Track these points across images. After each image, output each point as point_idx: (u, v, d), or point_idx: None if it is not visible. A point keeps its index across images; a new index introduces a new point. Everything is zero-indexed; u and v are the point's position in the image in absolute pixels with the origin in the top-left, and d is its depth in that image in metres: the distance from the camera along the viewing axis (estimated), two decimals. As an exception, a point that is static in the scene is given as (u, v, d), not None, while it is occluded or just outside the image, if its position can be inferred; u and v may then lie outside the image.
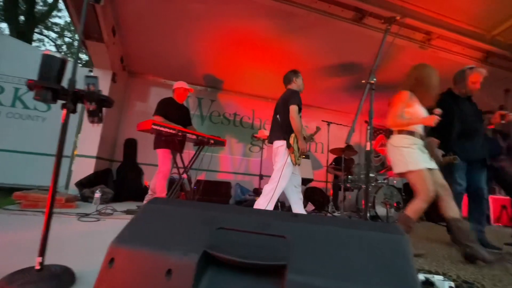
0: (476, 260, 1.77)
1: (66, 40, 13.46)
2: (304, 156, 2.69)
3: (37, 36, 12.00)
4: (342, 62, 4.06)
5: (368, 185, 1.51)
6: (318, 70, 4.22)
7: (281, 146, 2.59)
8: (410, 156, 1.94)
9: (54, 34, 13.04)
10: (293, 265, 0.54)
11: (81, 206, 2.87)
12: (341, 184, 4.15)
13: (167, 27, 3.53)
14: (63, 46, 13.51)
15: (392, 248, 0.55)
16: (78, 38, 1.32)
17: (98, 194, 2.94)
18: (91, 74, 3.88)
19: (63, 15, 12.51)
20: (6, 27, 8.93)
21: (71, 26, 12.16)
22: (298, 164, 2.60)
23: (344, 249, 0.56)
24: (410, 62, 2.23)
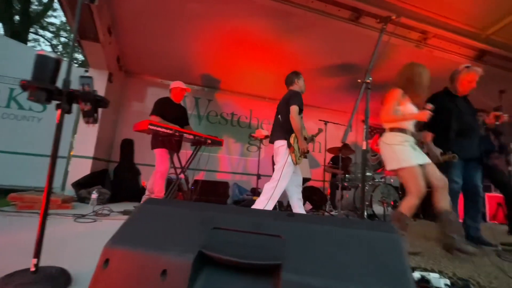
0: (454, 251, 1.87)
1: (62, 40, 13.37)
2: (304, 156, 2.72)
3: (32, 36, 11.90)
4: (339, 61, 4.07)
5: (364, 184, 1.52)
6: (315, 69, 4.23)
7: (281, 146, 2.62)
8: (402, 153, 1.98)
9: (49, 34, 12.95)
10: (288, 264, 0.54)
11: (77, 207, 2.86)
12: (338, 183, 4.16)
13: (164, 27, 3.51)
14: (59, 46, 13.42)
15: (386, 246, 0.55)
16: (73, 38, 1.31)
17: (94, 195, 2.92)
18: (87, 74, 3.86)
19: (59, 15, 12.41)
20: (0, 27, 8.84)
21: (67, 26, 12.07)
22: (298, 163, 2.63)
23: (338, 248, 0.57)
24: (406, 61, 2.25)
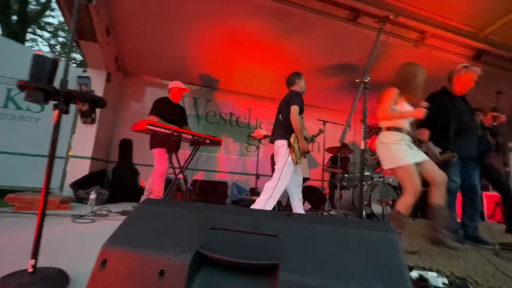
0: (441, 245, 1.99)
1: (60, 40, 13.30)
2: (304, 156, 2.74)
3: (30, 36, 11.85)
4: (338, 61, 4.08)
5: (362, 183, 1.52)
6: (314, 69, 4.23)
7: (282, 145, 2.65)
8: (398, 152, 2.00)
9: (47, 34, 12.88)
10: (285, 264, 0.54)
11: (76, 208, 2.85)
12: (337, 182, 4.17)
13: (163, 27, 3.51)
14: (57, 46, 13.35)
15: (383, 245, 0.55)
16: (70, 38, 1.30)
17: (93, 195, 2.91)
18: (85, 74, 3.85)
19: (57, 15, 12.36)
20: (-2, 27, 8.79)
21: (65, 25, 12.01)
22: (299, 163, 2.65)
23: (336, 247, 0.57)
24: (405, 61, 2.26)
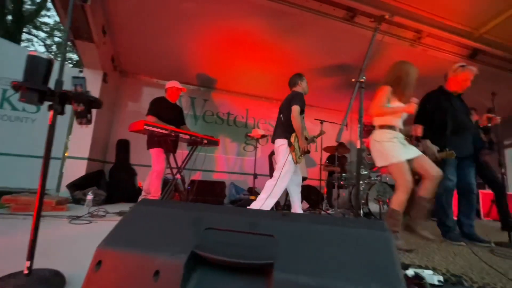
0: (414, 233, 2.09)
1: (56, 40, 13.20)
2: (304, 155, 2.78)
3: (25, 36, 11.75)
4: (335, 60, 4.09)
5: (359, 182, 1.53)
6: (311, 68, 4.24)
7: (282, 145, 2.69)
8: (391, 149, 2.03)
9: (43, 34, 12.78)
10: (280, 263, 0.54)
11: (72, 209, 2.83)
12: (335, 182, 4.18)
13: (159, 26, 3.49)
14: (53, 46, 13.24)
15: (376, 244, 0.56)
16: (65, 38, 1.30)
17: (90, 196, 2.89)
18: (81, 74, 3.82)
19: (52, 14, 12.24)
20: (-8, 27, 8.70)
21: (61, 25, 11.92)
22: (299, 163, 2.68)
23: (330, 246, 0.57)
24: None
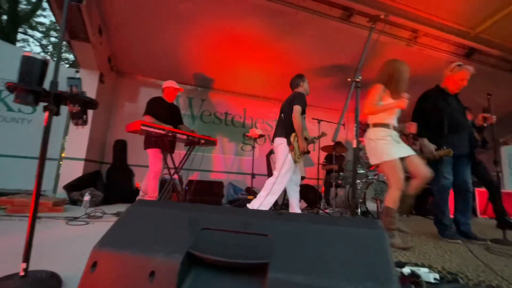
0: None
1: (52, 40, 13.11)
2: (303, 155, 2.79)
3: (21, 36, 11.67)
4: (332, 60, 4.10)
5: (355, 181, 1.54)
6: (308, 68, 4.24)
7: (281, 144, 2.72)
8: (384, 147, 2.05)
9: (39, 34, 12.69)
10: (275, 263, 0.54)
11: (69, 210, 2.82)
12: (332, 181, 4.20)
13: (156, 26, 3.48)
14: (49, 46, 13.15)
15: (371, 242, 0.56)
16: (60, 39, 1.29)
17: (87, 197, 2.89)
18: (77, 75, 3.80)
19: (48, 14, 12.16)
20: (-13, 27, 8.63)
21: (57, 25, 11.82)
22: (298, 162, 2.70)
23: (325, 245, 0.58)
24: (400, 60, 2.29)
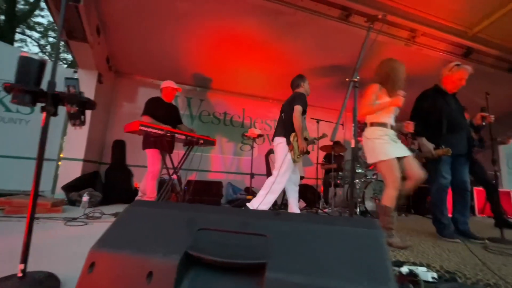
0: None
1: (50, 40, 13.07)
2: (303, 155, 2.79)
3: (19, 36, 11.63)
4: (331, 60, 4.10)
5: (353, 181, 1.54)
6: (307, 68, 4.24)
7: (280, 143, 2.73)
8: (381, 147, 2.06)
9: (37, 34, 12.65)
10: (272, 263, 0.55)
11: (68, 210, 2.81)
12: (331, 180, 4.20)
13: (155, 26, 3.48)
14: (47, 47, 13.12)
15: (368, 242, 0.56)
16: (57, 39, 1.29)
17: (86, 198, 2.88)
18: (75, 75, 3.79)
19: (46, 14, 12.12)
20: (-15, 27, 8.59)
21: (55, 25, 11.79)
22: (297, 162, 2.70)
23: (322, 245, 0.58)
24: (396, 59, 2.29)
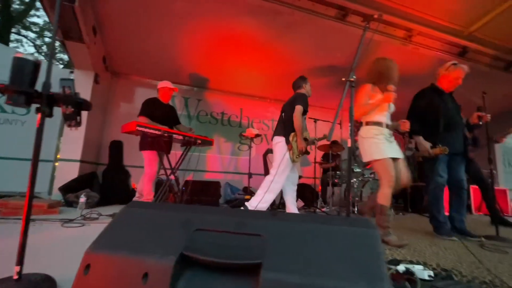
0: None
1: (47, 40, 12.96)
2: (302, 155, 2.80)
3: (14, 36, 11.53)
4: (328, 59, 4.11)
5: (350, 180, 1.55)
6: (304, 67, 4.25)
7: (279, 142, 2.73)
8: (376, 146, 2.07)
9: (33, 34, 12.54)
10: (268, 263, 0.55)
11: (65, 212, 2.80)
12: (329, 179, 4.21)
13: (151, 26, 3.46)
14: (43, 47, 13.00)
15: (363, 241, 0.57)
16: (52, 40, 1.29)
17: (83, 199, 2.87)
18: (71, 75, 3.76)
19: (42, 14, 12.02)
20: (-20, 28, 8.51)
21: (51, 26, 11.70)
22: (296, 162, 2.70)
23: (317, 245, 0.58)
24: (393, 58, 2.30)
